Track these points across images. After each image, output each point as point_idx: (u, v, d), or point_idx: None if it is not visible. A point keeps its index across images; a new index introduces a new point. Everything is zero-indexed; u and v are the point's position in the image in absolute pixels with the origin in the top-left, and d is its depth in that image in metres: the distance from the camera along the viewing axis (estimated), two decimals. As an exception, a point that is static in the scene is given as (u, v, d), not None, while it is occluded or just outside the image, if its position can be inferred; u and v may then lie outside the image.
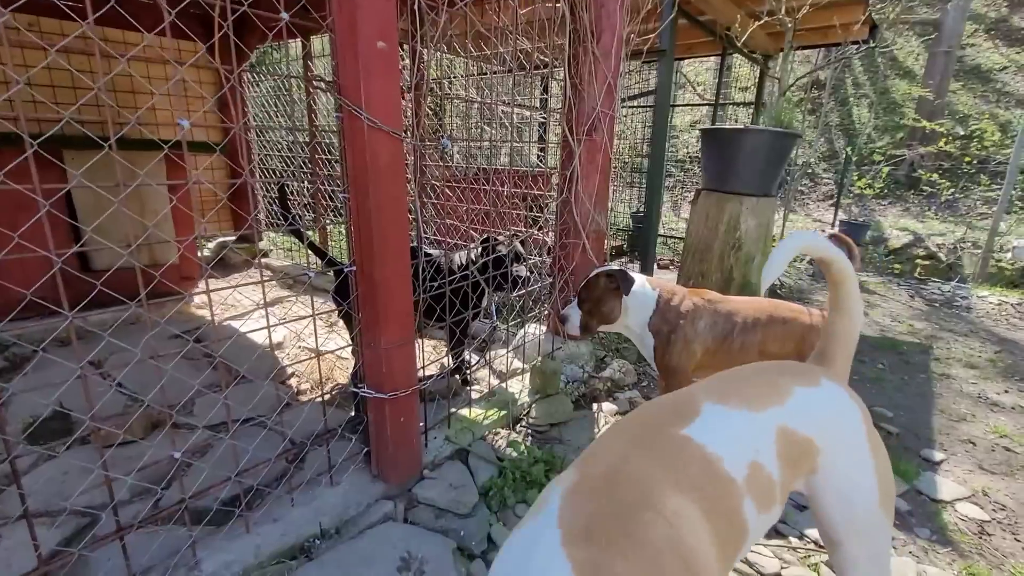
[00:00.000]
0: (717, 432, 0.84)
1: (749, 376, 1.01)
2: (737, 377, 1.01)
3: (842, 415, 0.97)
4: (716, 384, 0.97)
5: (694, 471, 0.78)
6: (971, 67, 11.23)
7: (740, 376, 1.01)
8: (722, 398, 0.91)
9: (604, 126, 2.36)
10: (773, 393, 0.94)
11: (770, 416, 0.89)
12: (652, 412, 0.91)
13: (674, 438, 0.82)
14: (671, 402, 0.93)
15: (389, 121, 1.39)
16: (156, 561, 1.33)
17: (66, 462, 1.83)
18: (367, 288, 1.51)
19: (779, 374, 1.01)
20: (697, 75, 13.55)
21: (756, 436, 0.86)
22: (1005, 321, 4.54)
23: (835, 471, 0.92)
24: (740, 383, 0.97)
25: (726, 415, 0.88)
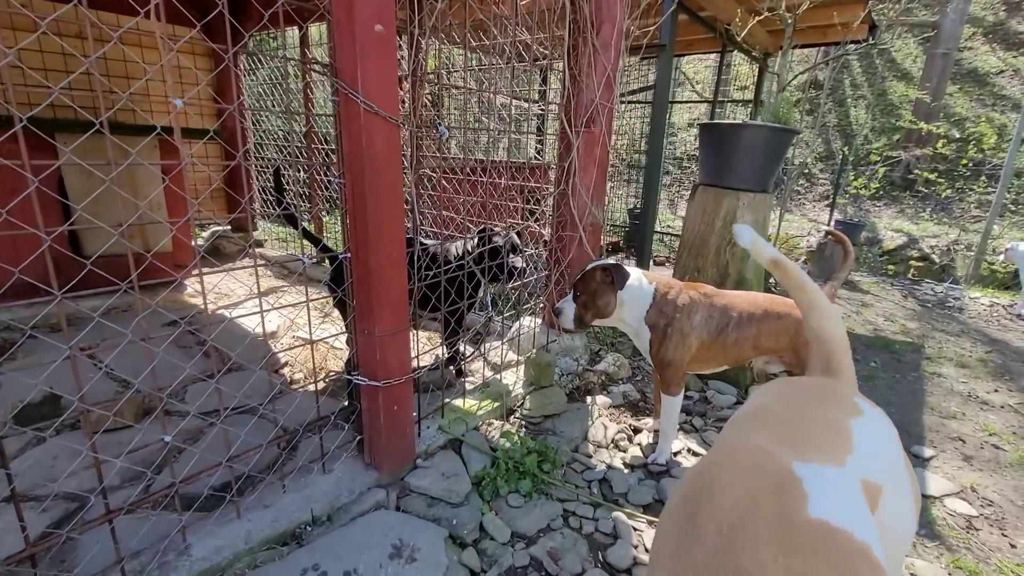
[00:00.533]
0: (828, 499, 0.68)
1: (801, 413, 0.89)
2: (790, 417, 0.88)
3: (888, 443, 0.88)
4: (778, 432, 0.82)
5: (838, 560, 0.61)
6: (968, 70, 11.28)
7: (792, 415, 0.88)
8: (801, 452, 0.76)
9: (602, 118, 2.35)
10: (839, 436, 0.81)
11: (852, 469, 0.76)
12: (746, 485, 0.71)
13: (798, 524, 0.64)
14: (760, 472, 0.74)
15: (385, 106, 1.38)
16: (145, 545, 1.32)
17: (55, 447, 1.82)
18: (362, 275, 1.50)
19: (824, 405, 0.90)
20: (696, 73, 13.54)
21: (854, 495, 0.72)
22: (996, 322, 4.58)
23: (889, 505, 0.80)
24: (800, 426, 0.84)
25: (822, 475, 0.72)
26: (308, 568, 1.31)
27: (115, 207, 2.92)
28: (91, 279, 1.17)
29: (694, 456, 2.06)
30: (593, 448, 2.06)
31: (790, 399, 0.95)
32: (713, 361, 1.99)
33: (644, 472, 1.95)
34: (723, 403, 2.48)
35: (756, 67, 5.45)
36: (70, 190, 3.01)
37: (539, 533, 1.60)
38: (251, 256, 4.56)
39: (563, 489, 1.78)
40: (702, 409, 2.45)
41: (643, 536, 1.61)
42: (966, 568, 1.59)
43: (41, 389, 2.04)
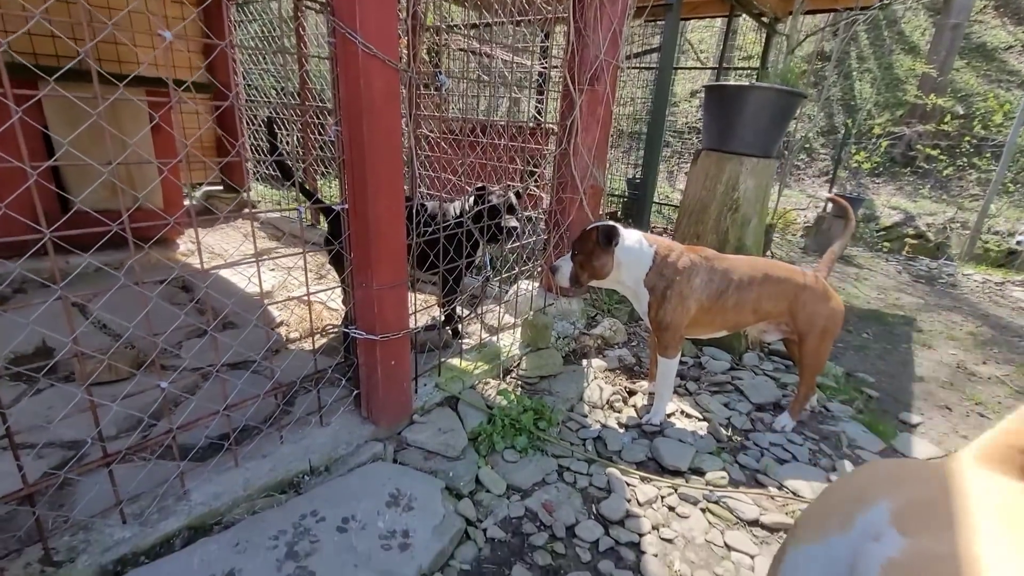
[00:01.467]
0: None
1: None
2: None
3: None
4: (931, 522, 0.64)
5: None
6: (976, 44, 11.07)
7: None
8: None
9: (607, 76, 2.28)
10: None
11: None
12: None
13: None
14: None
15: (384, 48, 1.32)
16: (144, 490, 1.33)
17: (50, 397, 1.81)
18: (359, 226, 1.47)
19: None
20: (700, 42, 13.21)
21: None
22: (988, 298, 4.62)
23: None
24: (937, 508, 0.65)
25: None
26: (307, 514, 1.32)
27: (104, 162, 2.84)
28: (81, 238, 1.13)
29: (687, 418, 2.09)
30: (588, 408, 2.08)
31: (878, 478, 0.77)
32: (712, 325, 2.00)
33: (638, 432, 1.97)
34: (717, 368, 2.50)
35: (763, 34, 5.31)
36: (57, 148, 2.92)
37: (534, 487, 1.63)
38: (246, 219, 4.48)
39: (558, 446, 1.81)
40: (696, 374, 2.47)
41: (636, 491, 1.64)
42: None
43: (33, 340, 2.02)
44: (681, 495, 1.64)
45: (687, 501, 1.62)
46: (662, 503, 1.62)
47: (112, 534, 1.19)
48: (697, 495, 1.64)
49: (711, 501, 1.63)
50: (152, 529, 1.22)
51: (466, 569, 1.33)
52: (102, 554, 1.14)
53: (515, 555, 1.38)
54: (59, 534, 1.18)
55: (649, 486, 1.67)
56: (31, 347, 2.01)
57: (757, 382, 2.34)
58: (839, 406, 2.30)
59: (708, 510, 1.60)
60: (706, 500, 1.63)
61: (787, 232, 8.14)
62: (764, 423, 2.10)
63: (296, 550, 1.22)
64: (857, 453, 1.97)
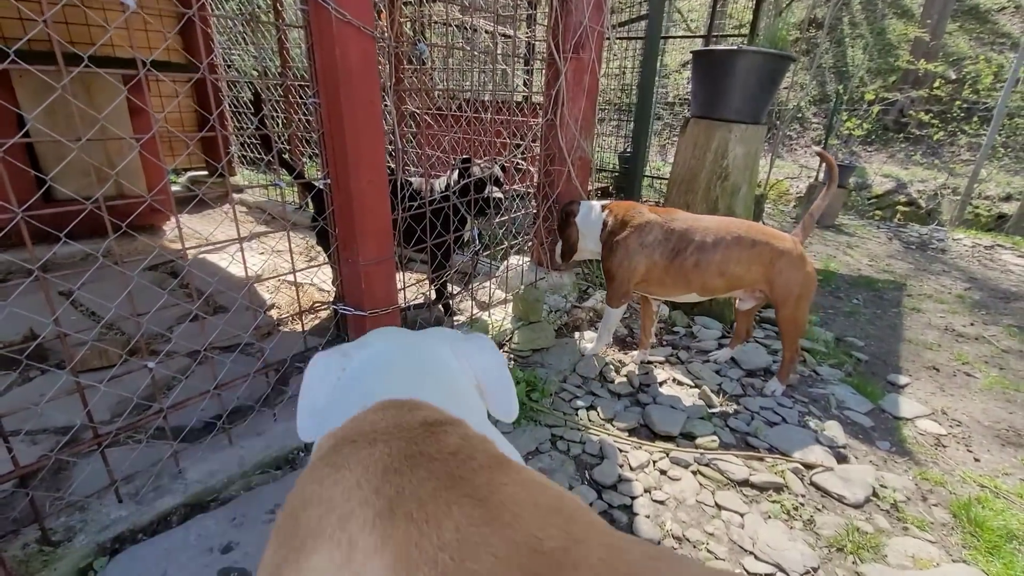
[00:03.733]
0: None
1: None
2: None
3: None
4: None
5: None
6: (969, 7, 10.92)
7: None
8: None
9: (592, 44, 2.24)
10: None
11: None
12: None
13: None
14: None
15: (358, 14, 1.28)
16: (139, 469, 1.34)
17: (40, 385, 1.80)
18: (343, 200, 1.46)
19: None
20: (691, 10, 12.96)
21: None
22: (977, 261, 4.66)
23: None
24: None
25: None
26: (302, 488, 1.33)
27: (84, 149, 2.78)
28: (67, 225, 1.11)
29: (679, 385, 2.11)
30: (581, 379, 2.09)
31: None
32: (676, 287, 1.99)
33: (630, 400, 2.00)
34: (708, 337, 2.52)
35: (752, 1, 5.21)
36: (33, 133, 2.85)
37: (528, 456, 1.65)
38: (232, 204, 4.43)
39: (552, 416, 1.83)
40: (687, 343, 2.49)
41: (628, 456, 1.67)
42: (932, 479, 1.68)
43: (20, 329, 2.00)
44: (672, 459, 1.67)
45: (678, 464, 1.65)
46: (654, 467, 1.64)
47: (109, 513, 1.20)
48: (688, 458, 1.67)
49: (702, 464, 1.66)
50: (148, 507, 1.24)
51: (462, 536, 1.35)
52: (99, 532, 1.16)
53: (510, 521, 1.41)
54: (56, 515, 1.19)
55: (641, 451, 1.69)
56: (19, 336, 2.00)
57: (747, 349, 2.36)
58: (828, 370, 2.32)
59: (699, 472, 1.63)
60: (697, 463, 1.66)
61: (779, 202, 8.14)
62: (755, 388, 2.13)
63: (292, 522, 1.23)
64: (846, 414, 2.00)
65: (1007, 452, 1.89)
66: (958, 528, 1.48)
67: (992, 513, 1.51)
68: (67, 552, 1.10)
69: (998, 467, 1.79)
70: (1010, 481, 1.71)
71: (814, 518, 1.47)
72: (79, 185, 2.94)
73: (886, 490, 1.59)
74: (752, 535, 1.38)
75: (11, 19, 3.28)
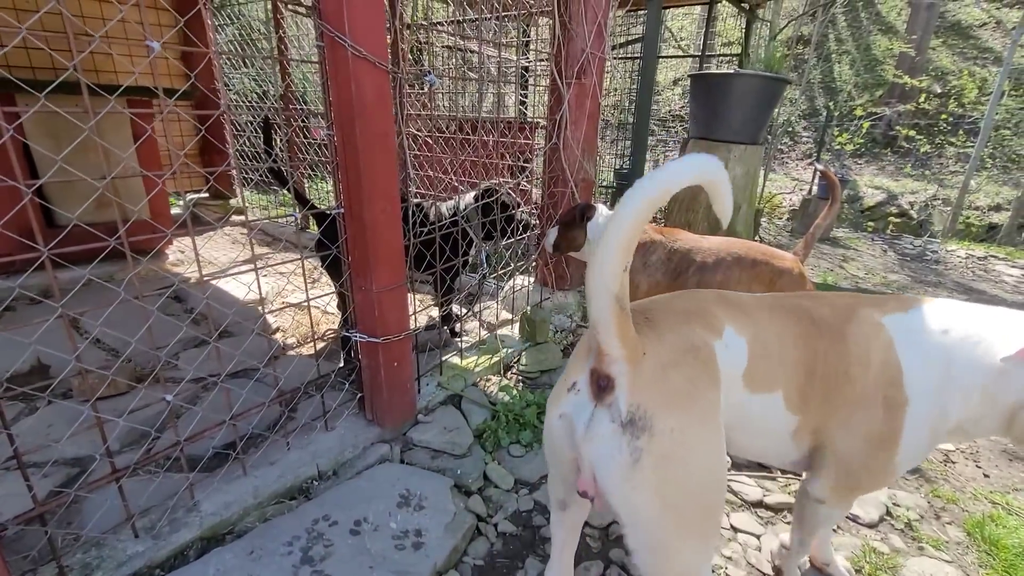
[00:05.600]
0: None
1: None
2: None
3: None
4: None
5: None
6: (952, 23, 11.22)
7: None
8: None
9: (594, 68, 2.29)
10: None
11: None
12: None
13: None
14: None
15: (374, 50, 1.32)
16: (153, 503, 1.33)
17: (48, 415, 1.79)
18: (356, 230, 1.47)
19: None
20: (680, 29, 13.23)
21: None
22: (971, 272, 4.72)
23: None
24: None
25: None
26: (319, 518, 1.33)
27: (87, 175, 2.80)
28: (67, 253, 1.11)
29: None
30: (590, 400, 2.10)
31: None
32: None
33: (640, 420, 2.00)
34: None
35: (742, 20, 5.34)
36: (36, 157, 2.86)
37: (541, 479, 1.65)
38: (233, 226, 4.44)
39: (563, 438, 1.83)
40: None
41: (641, 479, 1.67)
42: (944, 496, 1.69)
43: (28, 359, 1.99)
44: (686, 480, 1.67)
45: (692, 486, 1.65)
46: (668, 489, 1.64)
47: (125, 549, 1.19)
48: (701, 480, 1.67)
49: (715, 485, 1.66)
50: (165, 542, 1.22)
51: (480, 564, 1.34)
52: (116, 569, 1.14)
53: (527, 548, 1.40)
54: (71, 552, 1.18)
55: (654, 473, 1.69)
56: (27, 365, 1.99)
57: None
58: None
59: (713, 494, 1.63)
60: (710, 484, 1.66)
61: (773, 216, 8.24)
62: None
63: (311, 555, 1.23)
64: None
65: (1015, 467, 1.90)
66: (973, 547, 1.49)
67: (1006, 531, 1.52)
68: (85, 591, 1.09)
69: (1008, 483, 1.80)
70: (1021, 497, 1.72)
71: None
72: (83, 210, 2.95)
73: (899, 509, 1.60)
74: (770, 558, 1.38)
75: (18, 48, 3.32)
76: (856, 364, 0.99)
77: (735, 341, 0.96)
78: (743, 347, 0.96)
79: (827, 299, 1.08)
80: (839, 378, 0.99)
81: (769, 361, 0.98)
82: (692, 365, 0.85)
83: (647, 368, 0.81)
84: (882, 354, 0.98)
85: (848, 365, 0.99)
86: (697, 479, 0.80)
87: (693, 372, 0.84)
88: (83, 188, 2.76)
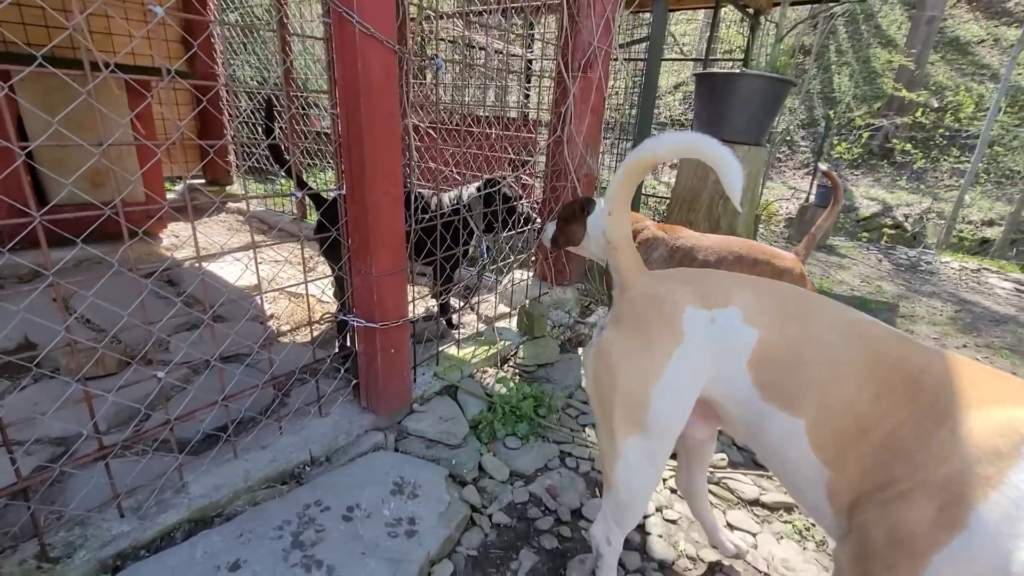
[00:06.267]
0: None
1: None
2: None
3: None
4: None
5: None
6: (950, 38, 11.34)
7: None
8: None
9: (600, 63, 2.28)
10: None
11: None
12: None
13: None
14: None
15: (382, 29, 1.29)
16: (141, 483, 1.30)
17: (34, 393, 1.75)
18: (358, 212, 1.45)
19: None
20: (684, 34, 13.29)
21: None
22: (965, 284, 4.76)
23: None
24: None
25: None
26: (311, 504, 1.30)
27: (80, 153, 2.75)
28: (61, 230, 1.08)
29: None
30: (586, 395, 2.08)
31: None
32: None
33: (636, 417, 1.99)
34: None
35: (746, 26, 5.35)
36: (30, 133, 2.81)
37: (537, 472, 1.63)
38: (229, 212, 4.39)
39: (559, 432, 1.81)
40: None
41: (637, 474, 1.65)
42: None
43: (15, 336, 1.95)
44: (682, 477, 1.66)
45: (688, 483, 1.64)
46: (664, 485, 1.63)
47: (110, 528, 1.16)
48: (697, 477, 1.66)
49: (712, 483, 1.65)
50: (151, 523, 1.19)
51: (473, 555, 1.32)
52: (100, 549, 1.11)
53: (521, 540, 1.38)
54: (54, 530, 1.14)
55: (650, 469, 1.68)
56: (13, 342, 1.94)
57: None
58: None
59: (710, 491, 1.62)
60: (707, 482, 1.65)
61: (770, 223, 8.28)
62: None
63: (302, 539, 1.20)
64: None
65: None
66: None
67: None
68: (67, 569, 1.06)
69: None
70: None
71: (826, 539, 1.46)
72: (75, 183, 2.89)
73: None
74: (767, 556, 1.37)
75: (13, 23, 3.26)
76: (938, 461, 0.71)
77: (733, 323, 0.94)
78: (747, 334, 0.93)
79: (946, 360, 0.79)
80: (903, 458, 0.74)
81: (792, 376, 0.86)
82: (646, 308, 1.02)
83: (620, 298, 1.10)
84: (992, 468, 0.67)
85: (928, 456, 0.72)
86: (611, 377, 1.02)
87: (644, 313, 1.02)
88: (77, 167, 2.71)
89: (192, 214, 1.21)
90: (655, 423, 0.99)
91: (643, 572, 1.31)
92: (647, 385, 0.98)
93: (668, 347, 0.97)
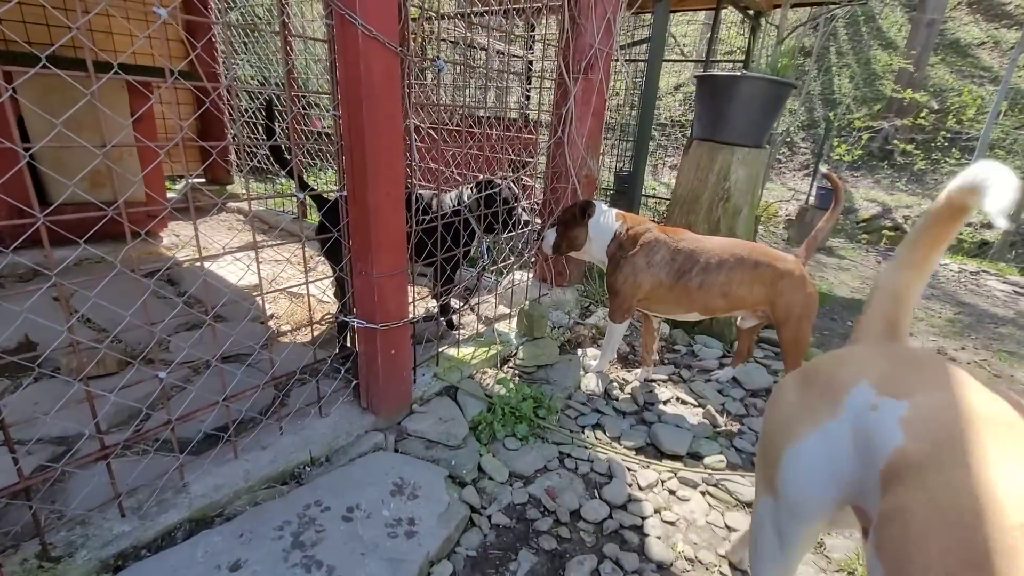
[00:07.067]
0: None
1: None
2: None
3: None
4: None
5: None
6: (951, 41, 11.35)
7: None
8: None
9: (601, 64, 2.28)
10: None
11: None
12: None
13: None
14: None
15: (384, 31, 1.30)
16: (142, 483, 1.30)
17: (34, 393, 1.75)
18: (359, 213, 1.45)
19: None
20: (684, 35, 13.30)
21: None
22: (963, 286, 4.77)
23: None
24: None
25: None
26: (311, 504, 1.31)
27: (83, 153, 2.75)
28: (61, 230, 1.08)
29: (683, 404, 2.11)
30: (586, 396, 2.09)
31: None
32: (679, 306, 2.02)
33: (636, 418, 1.99)
34: (709, 356, 2.53)
35: (747, 27, 5.36)
36: (31, 133, 2.81)
37: (536, 473, 1.64)
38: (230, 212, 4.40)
39: (558, 433, 1.81)
40: (689, 362, 2.50)
41: (636, 476, 1.66)
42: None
43: (15, 335, 1.95)
44: (681, 479, 1.67)
45: (687, 485, 1.65)
46: (663, 487, 1.64)
47: (111, 528, 1.16)
48: (697, 479, 1.67)
49: (710, 484, 1.65)
50: (152, 522, 1.20)
51: (472, 555, 1.33)
52: (102, 548, 1.11)
53: (520, 540, 1.39)
54: (55, 529, 1.15)
55: (649, 471, 1.69)
56: (13, 342, 1.95)
57: (749, 369, 2.38)
58: (828, 391, 2.34)
59: (708, 493, 1.63)
60: (705, 483, 1.66)
61: (769, 224, 8.29)
62: (758, 408, 2.14)
63: (302, 540, 1.20)
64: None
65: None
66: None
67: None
68: (68, 568, 1.06)
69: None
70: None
71: (823, 541, 1.47)
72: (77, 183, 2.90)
73: (892, 513, 1.60)
74: (764, 557, 1.37)
75: (14, 21, 3.27)
76: None
77: (888, 415, 0.71)
78: (894, 429, 0.69)
79: None
80: None
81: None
82: (828, 366, 0.88)
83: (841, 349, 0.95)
84: None
85: None
86: (765, 421, 0.95)
87: (824, 370, 0.88)
88: (78, 167, 2.72)
89: (194, 214, 1.21)
90: (784, 491, 0.85)
91: (641, 573, 1.31)
92: (783, 444, 0.85)
93: (820, 415, 0.81)
